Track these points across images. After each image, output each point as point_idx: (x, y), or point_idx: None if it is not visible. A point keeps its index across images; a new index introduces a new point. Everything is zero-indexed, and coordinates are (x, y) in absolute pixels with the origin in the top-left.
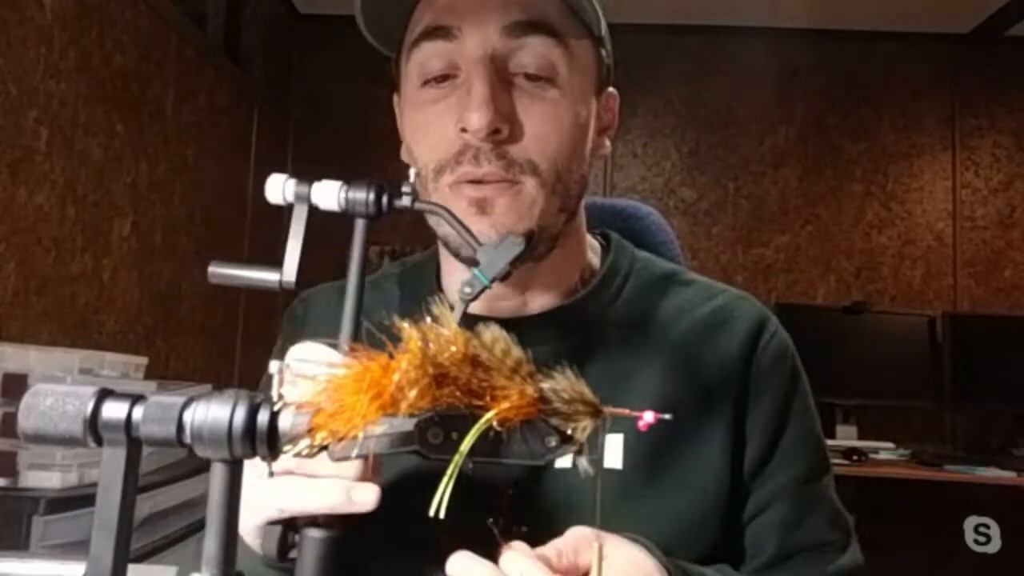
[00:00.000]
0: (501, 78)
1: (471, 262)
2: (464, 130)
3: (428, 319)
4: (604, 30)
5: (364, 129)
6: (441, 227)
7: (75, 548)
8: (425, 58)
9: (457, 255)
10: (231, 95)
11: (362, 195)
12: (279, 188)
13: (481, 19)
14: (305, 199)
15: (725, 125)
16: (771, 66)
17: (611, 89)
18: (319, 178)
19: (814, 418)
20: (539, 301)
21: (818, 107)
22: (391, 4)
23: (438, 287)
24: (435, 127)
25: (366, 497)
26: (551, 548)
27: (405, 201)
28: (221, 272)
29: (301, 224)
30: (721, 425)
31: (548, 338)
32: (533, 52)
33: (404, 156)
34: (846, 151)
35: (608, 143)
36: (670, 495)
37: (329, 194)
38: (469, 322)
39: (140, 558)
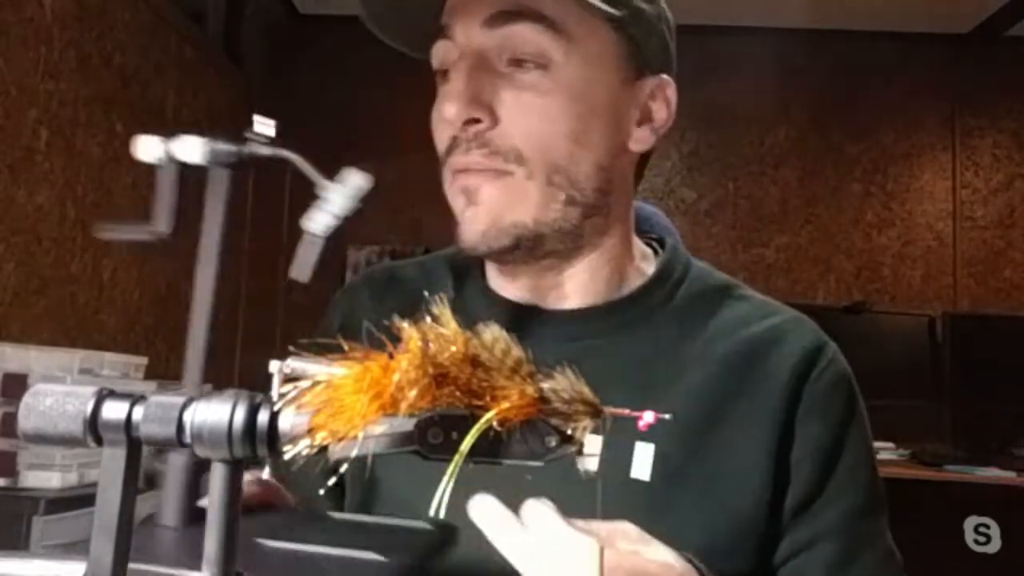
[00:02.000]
0: (484, 68)
1: (471, 253)
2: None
3: (428, 319)
4: (630, 12)
5: (364, 129)
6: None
7: (75, 548)
8: (434, 57)
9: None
10: (231, 95)
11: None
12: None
13: (467, 14)
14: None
15: (725, 125)
16: (771, 66)
17: (663, 76)
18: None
19: (871, 452)
20: (578, 298)
21: (818, 107)
22: (418, 8)
23: (483, 280)
24: (437, 123)
25: None
26: (585, 522)
27: (256, 148)
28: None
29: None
30: (763, 446)
31: (592, 333)
32: (517, 39)
33: None
34: (846, 151)
35: (651, 136)
36: (699, 510)
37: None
38: (511, 308)
39: None
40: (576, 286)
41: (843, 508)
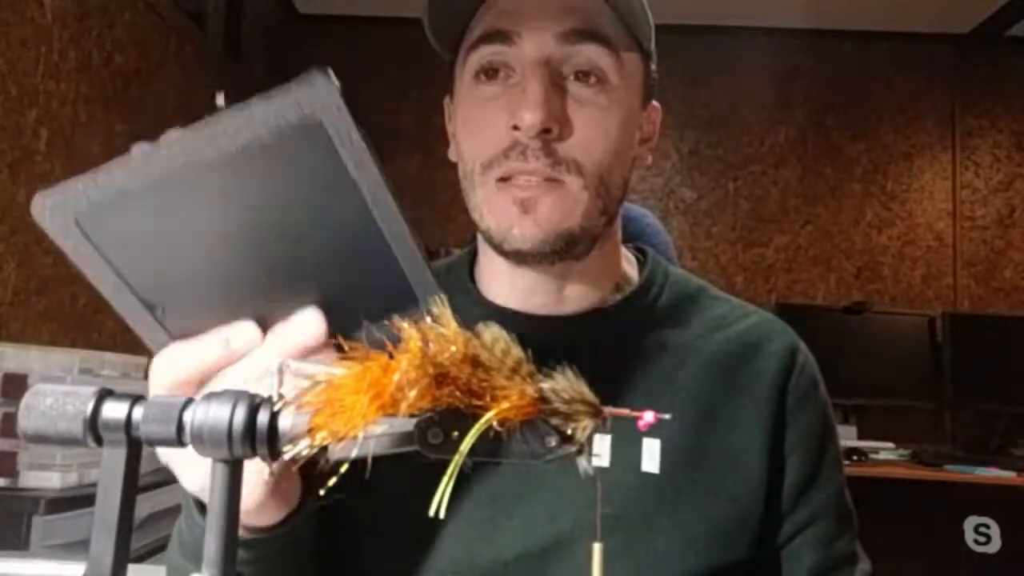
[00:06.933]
0: (554, 81)
1: (515, 256)
2: (516, 127)
3: (428, 319)
4: (652, 45)
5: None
6: (484, 221)
7: (75, 548)
8: (482, 58)
9: (500, 250)
10: (231, 95)
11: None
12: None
13: (539, 25)
14: None
15: (725, 125)
16: (771, 66)
17: (654, 103)
18: None
19: (838, 433)
20: (574, 302)
21: (818, 107)
22: (453, 7)
23: (472, 285)
24: (487, 124)
25: (243, 336)
26: None
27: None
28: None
29: None
30: (758, 439)
31: (588, 338)
32: (585, 58)
33: (451, 155)
34: (846, 151)
35: (649, 155)
36: (705, 501)
37: None
38: (504, 316)
39: (140, 558)
40: (576, 291)
41: (831, 490)
